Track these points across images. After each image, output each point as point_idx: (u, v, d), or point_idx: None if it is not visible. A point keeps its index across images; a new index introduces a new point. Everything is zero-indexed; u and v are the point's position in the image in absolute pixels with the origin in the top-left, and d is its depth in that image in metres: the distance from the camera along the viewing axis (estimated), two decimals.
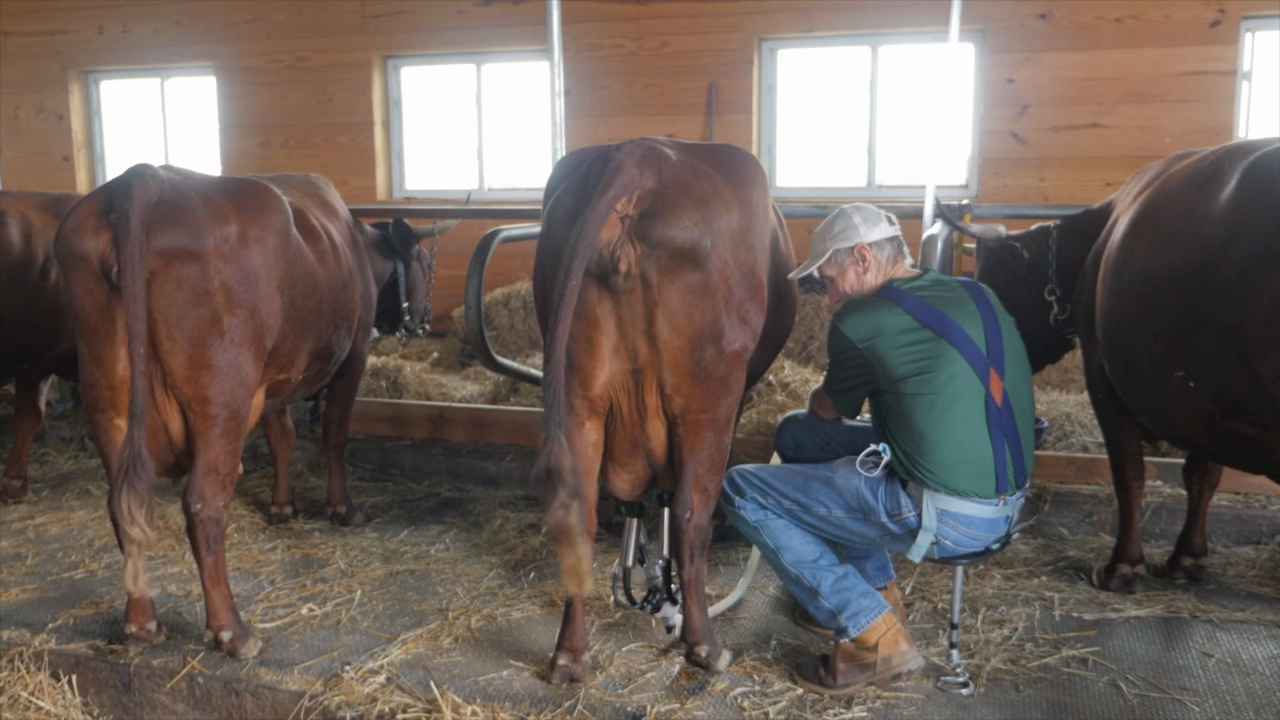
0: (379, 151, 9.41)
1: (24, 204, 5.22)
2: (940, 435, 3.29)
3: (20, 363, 5.32)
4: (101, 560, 4.81)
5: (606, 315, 3.24)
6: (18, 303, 5.01)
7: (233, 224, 3.69)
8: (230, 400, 3.71)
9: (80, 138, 10.42)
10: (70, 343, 5.25)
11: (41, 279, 5.13)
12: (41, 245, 5.12)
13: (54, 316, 5.18)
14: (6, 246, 5.00)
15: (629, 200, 3.19)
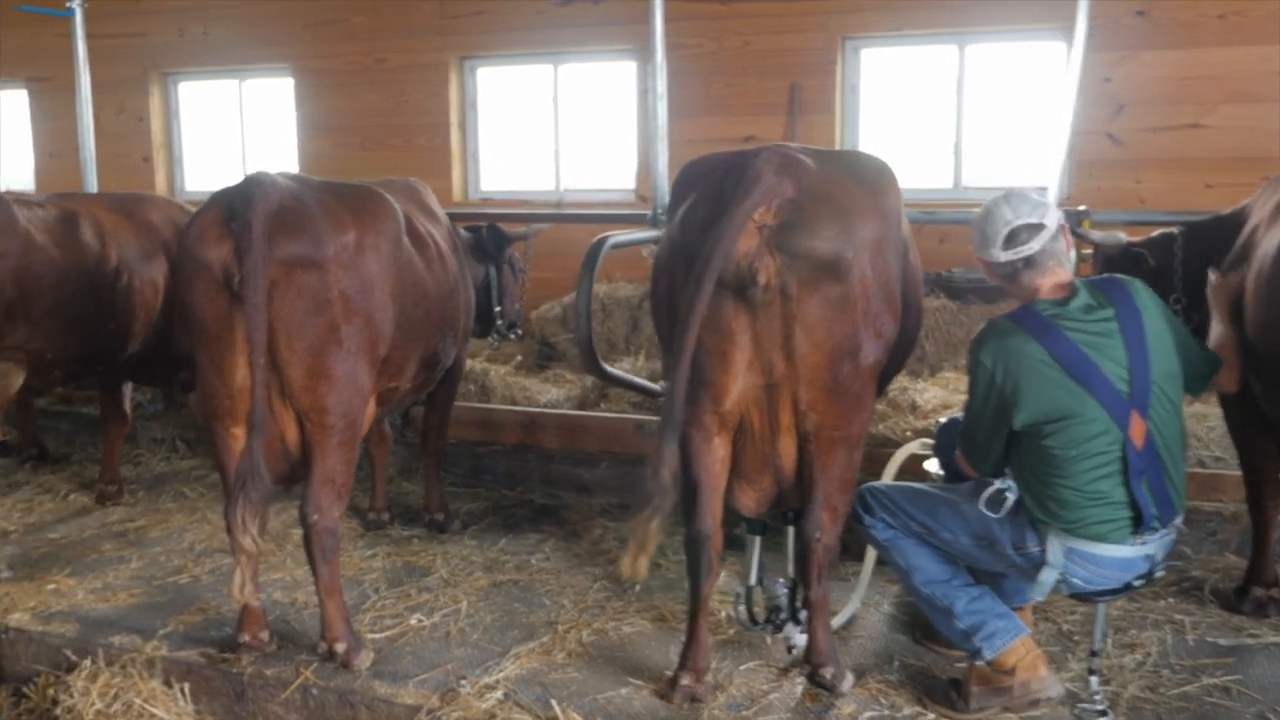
0: (455, 152, 9.37)
1: (95, 205, 5.24)
2: (1070, 488, 3.13)
3: (94, 366, 5.34)
4: (204, 565, 4.81)
5: (742, 329, 3.15)
6: (90, 305, 5.02)
7: (350, 231, 3.65)
8: (347, 410, 3.67)
9: (159, 139, 10.51)
10: (142, 346, 5.28)
11: (113, 281, 5.14)
12: (114, 247, 5.13)
13: (126, 319, 5.20)
14: (78, 248, 4.99)
15: (767, 209, 3.10)
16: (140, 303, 5.24)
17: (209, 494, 5.78)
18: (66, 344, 4.97)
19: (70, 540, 5.14)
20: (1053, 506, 3.16)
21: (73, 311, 4.92)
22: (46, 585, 4.58)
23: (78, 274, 4.94)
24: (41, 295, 4.77)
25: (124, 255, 5.19)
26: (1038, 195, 3.34)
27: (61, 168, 10.78)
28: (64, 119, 10.71)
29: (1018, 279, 3.25)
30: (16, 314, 4.69)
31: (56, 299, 4.84)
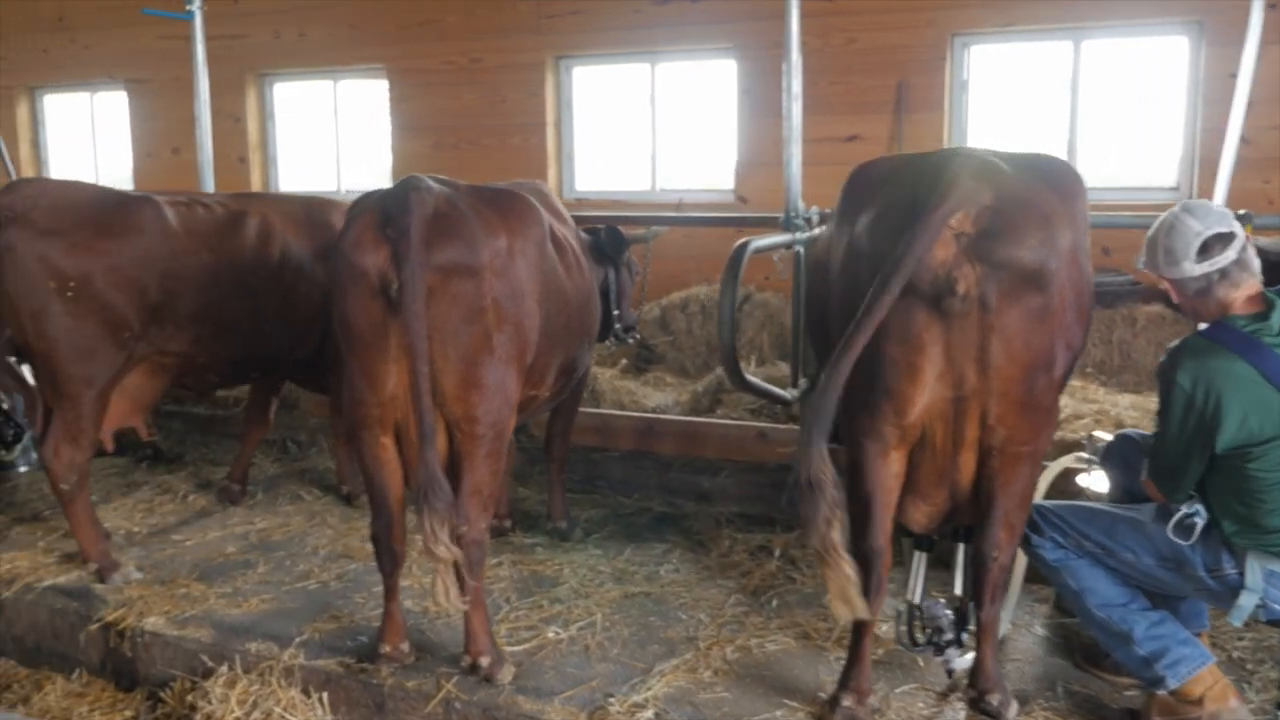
0: (550, 153, 9.32)
1: (266, 205, 5.17)
2: (1273, 513, 2.97)
3: (255, 370, 5.31)
4: (331, 570, 4.78)
5: (934, 340, 3.01)
6: (247, 308, 4.95)
7: (502, 237, 3.58)
8: (497, 419, 3.59)
9: (255, 139, 10.59)
10: (306, 349, 5.23)
11: (276, 284, 5.07)
12: (279, 248, 5.08)
13: (289, 323, 5.13)
14: (237, 249, 4.92)
15: (965, 216, 2.95)
16: (305, 307, 5.12)
17: (325, 496, 5.77)
18: (220, 348, 4.90)
19: (195, 544, 5.14)
20: (1254, 529, 2.98)
21: (227, 314, 4.84)
22: (178, 589, 4.58)
23: (233, 276, 4.84)
24: (190, 298, 4.70)
25: (291, 257, 5.08)
26: (1213, 204, 3.18)
27: (157, 168, 10.93)
28: (161, 119, 10.87)
29: (1210, 293, 3.08)
30: (164, 317, 4.64)
31: (207, 301, 4.75)
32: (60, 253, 4.37)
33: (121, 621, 4.33)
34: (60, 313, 4.40)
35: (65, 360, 4.44)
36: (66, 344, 4.42)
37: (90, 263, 4.42)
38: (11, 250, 4.33)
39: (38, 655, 4.56)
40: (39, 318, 4.39)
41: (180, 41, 10.76)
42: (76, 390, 4.49)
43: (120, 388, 4.64)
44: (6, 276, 4.34)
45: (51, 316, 4.40)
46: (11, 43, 11.58)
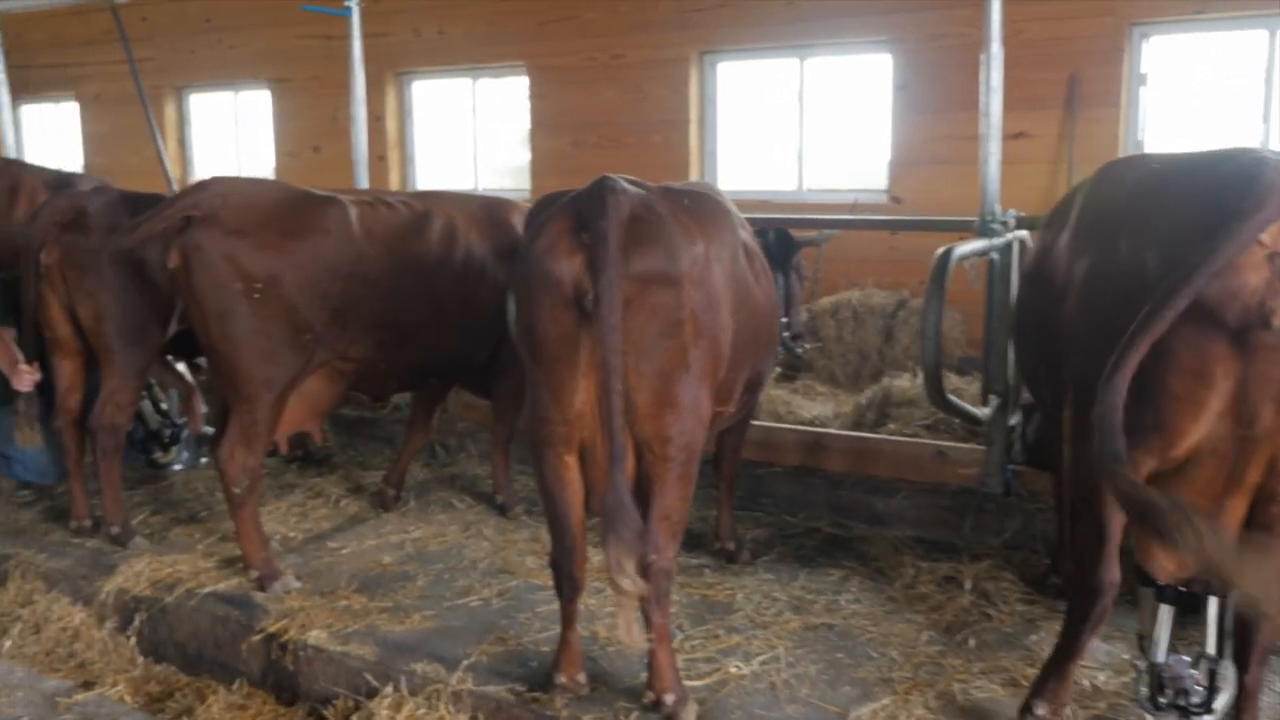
0: (693, 150, 9.07)
1: (448, 205, 5.00)
2: None
3: (434, 376, 5.17)
4: (492, 587, 4.59)
5: (1227, 374, 2.63)
6: (430, 313, 4.79)
7: (699, 243, 3.31)
8: (691, 440, 3.34)
9: (394, 137, 10.59)
10: (483, 355, 5.07)
11: (459, 288, 4.89)
12: (462, 250, 4.90)
13: (472, 328, 4.97)
14: (427, 250, 4.74)
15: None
16: (486, 311, 4.95)
17: (478, 505, 5.61)
18: (402, 354, 4.75)
19: (351, 552, 5.02)
20: None
21: (410, 319, 4.69)
22: (338, 601, 4.44)
23: (417, 279, 4.68)
24: (374, 301, 4.55)
25: (474, 260, 4.91)
26: None
27: (298, 166, 11.03)
28: (303, 119, 10.97)
29: None
30: (346, 320, 4.51)
31: (391, 305, 4.61)
32: (248, 253, 4.27)
33: (284, 634, 4.20)
34: (245, 314, 4.30)
35: (247, 362, 4.35)
36: (249, 346, 4.32)
37: (277, 263, 4.31)
38: (200, 249, 4.24)
39: (199, 663, 4.48)
40: (224, 318, 4.30)
41: (321, 41, 10.87)
42: (256, 393, 4.38)
43: (298, 392, 4.53)
44: (194, 276, 4.26)
45: (236, 317, 4.30)
46: (160, 43, 11.83)
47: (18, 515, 5.59)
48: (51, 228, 4.81)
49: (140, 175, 10.04)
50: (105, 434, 4.99)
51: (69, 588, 4.84)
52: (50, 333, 5.02)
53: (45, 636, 4.64)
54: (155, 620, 4.57)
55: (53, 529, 5.40)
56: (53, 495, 5.85)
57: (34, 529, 5.41)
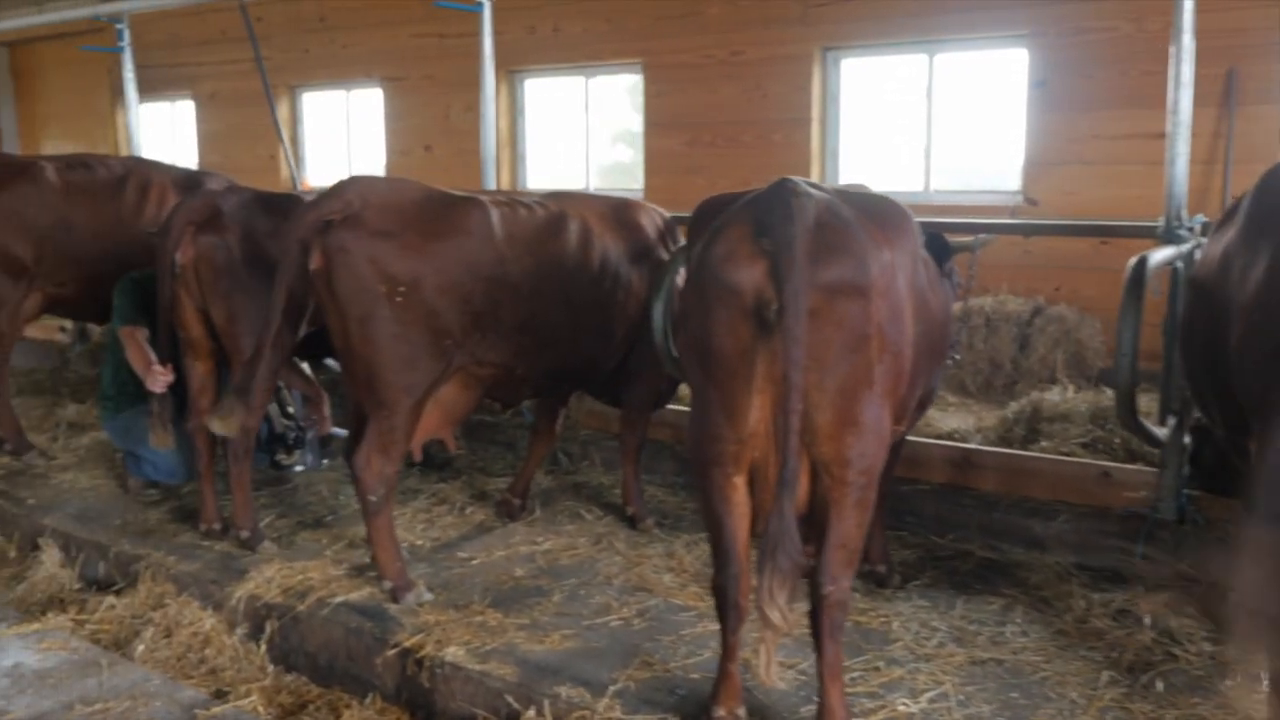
0: (814, 149, 8.78)
1: (581, 206, 4.83)
2: None
3: (569, 382, 5.00)
4: (630, 605, 4.39)
5: None
6: (567, 317, 4.62)
7: (885, 250, 3.07)
8: (872, 463, 3.09)
9: (505, 136, 10.50)
10: (616, 361, 4.90)
11: (594, 291, 4.73)
12: (598, 253, 4.73)
13: (607, 332, 4.81)
14: (565, 253, 4.58)
15: None
16: (621, 315, 4.83)
17: (606, 517, 5.42)
18: (539, 360, 4.61)
19: (481, 563, 4.87)
20: None
21: (548, 324, 4.55)
22: (473, 616, 4.28)
23: (556, 283, 4.54)
24: (513, 306, 4.41)
25: (609, 262, 4.75)
26: None
27: (410, 165, 11.01)
28: (416, 117, 10.95)
29: None
30: (485, 325, 4.36)
31: (530, 310, 4.47)
32: (392, 255, 4.14)
33: (420, 649, 4.06)
34: (387, 318, 4.16)
35: (387, 368, 4.22)
36: (390, 351, 4.19)
37: (420, 266, 4.18)
38: (344, 252, 4.12)
39: (330, 674, 4.36)
40: (365, 322, 4.17)
41: (435, 39, 10.84)
42: (395, 399, 4.25)
43: (434, 398, 4.39)
44: (336, 279, 4.14)
45: (378, 321, 4.17)
46: (276, 43, 11.93)
47: (146, 515, 5.57)
48: (187, 227, 4.75)
49: (254, 173, 10.13)
50: (237, 437, 4.91)
51: (199, 591, 4.77)
52: (184, 333, 4.97)
53: (176, 641, 4.57)
54: (287, 629, 4.47)
55: (181, 530, 5.36)
56: (178, 495, 5.83)
57: (162, 530, 5.38)
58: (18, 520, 5.73)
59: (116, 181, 6.61)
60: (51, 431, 7.10)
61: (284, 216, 4.94)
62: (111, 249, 6.51)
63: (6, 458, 6.54)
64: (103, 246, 6.48)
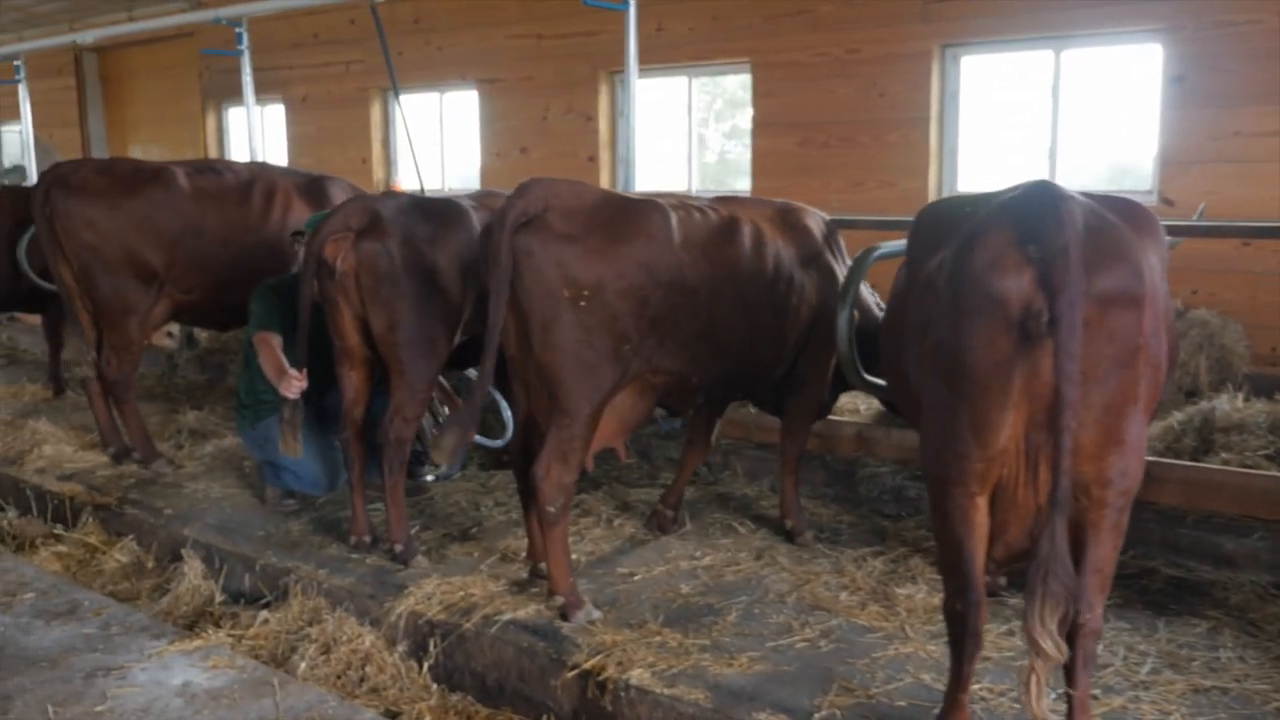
0: (932, 149, 8.54)
1: (750, 209, 4.66)
2: None
3: (740, 390, 4.84)
4: (813, 626, 4.20)
5: None
6: (744, 323, 4.45)
7: (1150, 256, 2.86)
8: (1133, 483, 2.91)
9: (605, 138, 10.37)
10: (786, 368, 4.74)
11: (770, 296, 4.57)
12: (771, 257, 4.56)
13: (780, 339, 4.65)
14: (740, 257, 4.41)
15: None
16: (794, 321, 4.68)
17: (760, 529, 5.25)
18: (715, 367, 4.45)
19: (644, 579, 4.71)
20: None
21: (725, 330, 4.39)
22: (651, 636, 4.12)
23: (732, 288, 4.38)
24: (691, 311, 4.25)
25: (783, 267, 4.60)
26: None
27: (505, 167, 10.93)
28: (512, 119, 10.86)
29: None
30: (663, 331, 4.20)
31: (708, 316, 4.31)
32: (577, 259, 3.99)
33: (601, 671, 3.90)
34: (571, 323, 4.02)
35: (569, 374, 4.07)
36: (572, 357, 4.05)
37: (604, 270, 4.03)
38: (529, 255, 3.98)
39: (499, 695, 4.22)
40: (548, 328, 4.03)
41: (532, 41, 10.74)
42: (576, 406, 4.11)
43: (610, 406, 4.24)
44: (521, 284, 4.00)
45: (561, 327, 4.03)
46: (369, 45, 11.89)
47: (288, 526, 5.48)
48: (346, 233, 4.63)
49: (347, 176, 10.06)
50: (392, 449, 4.80)
51: (355, 607, 4.66)
52: (340, 342, 4.85)
53: (335, 658, 4.45)
54: (452, 647, 4.34)
55: (326, 542, 5.26)
56: (315, 506, 5.74)
57: (307, 542, 5.28)
58: (155, 531, 5.66)
59: (243, 186, 6.56)
60: (174, 439, 7.07)
61: (442, 221, 4.84)
62: (239, 255, 6.47)
63: (134, 466, 6.50)
64: (230, 252, 6.44)
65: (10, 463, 6.72)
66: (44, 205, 6.06)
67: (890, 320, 3.79)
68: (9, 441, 7.00)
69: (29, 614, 4.67)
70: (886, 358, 3.89)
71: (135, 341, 6.30)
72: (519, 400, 4.48)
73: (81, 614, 4.66)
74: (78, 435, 7.17)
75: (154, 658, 4.24)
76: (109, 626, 4.54)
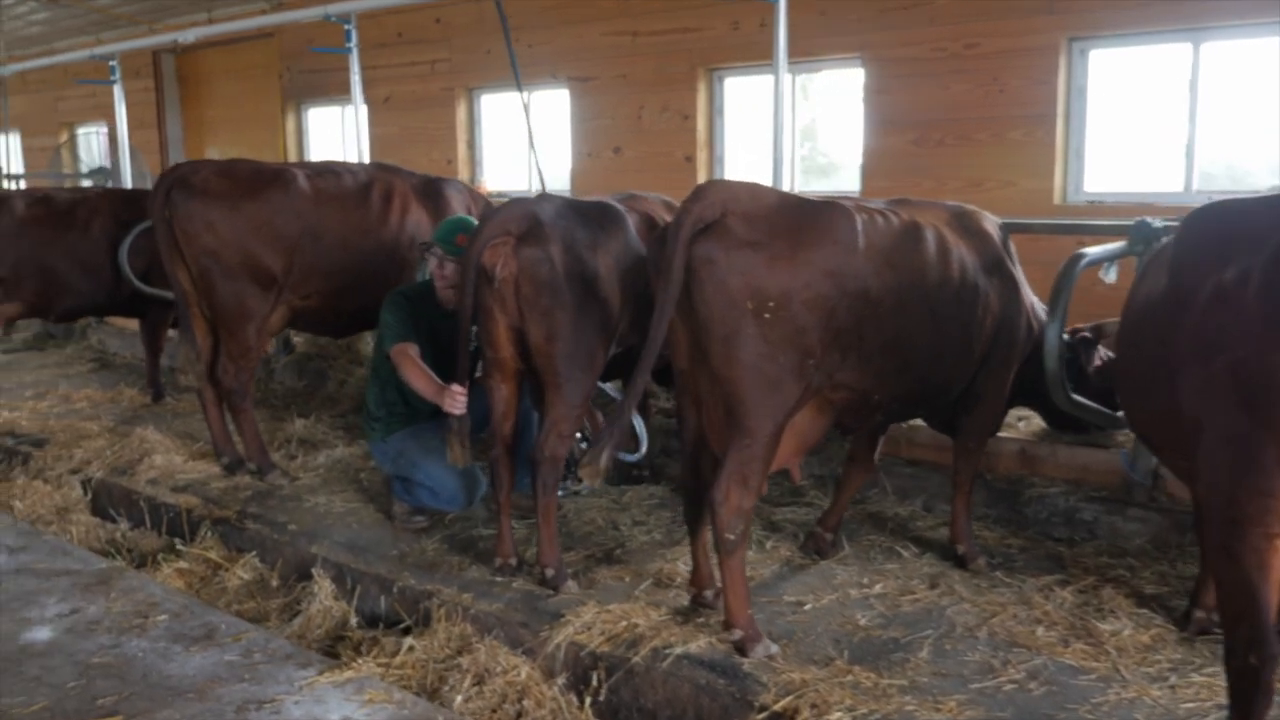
0: (1058, 148, 8.14)
1: (928, 213, 4.34)
2: None
3: (920, 409, 4.52)
4: (1015, 665, 3.88)
5: None
6: (928, 336, 4.14)
7: None
8: None
9: (703, 137, 10.05)
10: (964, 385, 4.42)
11: (956, 307, 4.25)
12: (957, 266, 4.24)
13: (963, 353, 4.33)
14: (925, 265, 4.10)
15: None
16: (980, 335, 4.37)
17: (925, 554, 4.93)
18: (898, 384, 4.14)
19: (815, 609, 4.41)
20: None
21: (912, 345, 4.09)
22: (840, 675, 3.81)
23: (919, 298, 4.07)
24: (878, 323, 3.95)
25: (968, 276, 4.27)
26: None
27: (596, 168, 10.66)
28: (605, 118, 10.57)
29: None
30: (846, 344, 3.90)
31: (894, 329, 4.00)
32: (763, 267, 3.70)
33: (795, 713, 3.61)
34: (754, 337, 3.73)
35: (751, 392, 3.78)
36: (755, 373, 3.76)
37: (790, 279, 3.73)
38: (711, 264, 3.69)
39: None
40: (729, 342, 3.74)
41: (628, 38, 10.44)
42: (758, 425, 3.82)
43: (789, 424, 3.94)
44: (701, 295, 3.71)
45: (744, 341, 3.73)
46: (455, 44, 11.70)
47: (422, 546, 5.23)
48: (506, 239, 4.35)
49: None
50: (547, 466, 4.53)
51: (505, 635, 4.40)
52: (492, 353, 4.58)
53: (489, 690, 4.19)
54: (619, 682, 4.06)
55: (464, 563, 5.00)
56: (445, 524, 5.49)
57: (445, 562, 5.02)
58: (280, 547, 5.44)
59: (362, 188, 6.33)
60: (284, 448, 6.85)
61: (600, 225, 4.56)
62: (357, 259, 6.25)
63: (249, 477, 6.30)
64: (349, 257, 6.21)
65: (120, 473, 6.55)
66: (164, 207, 5.86)
67: (1136, 337, 3.44)
68: (117, 450, 6.82)
69: (165, 638, 4.46)
70: (1130, 380, 3.53)
71: (253, 348, 6.09)
72: (688, 419, 4.20)
73: (219, 638, 4.44)
74: (185, 444, 6.98)
75: (304, 689, 4.01)
76: (251, 653, 4.31)
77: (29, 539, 5.62)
